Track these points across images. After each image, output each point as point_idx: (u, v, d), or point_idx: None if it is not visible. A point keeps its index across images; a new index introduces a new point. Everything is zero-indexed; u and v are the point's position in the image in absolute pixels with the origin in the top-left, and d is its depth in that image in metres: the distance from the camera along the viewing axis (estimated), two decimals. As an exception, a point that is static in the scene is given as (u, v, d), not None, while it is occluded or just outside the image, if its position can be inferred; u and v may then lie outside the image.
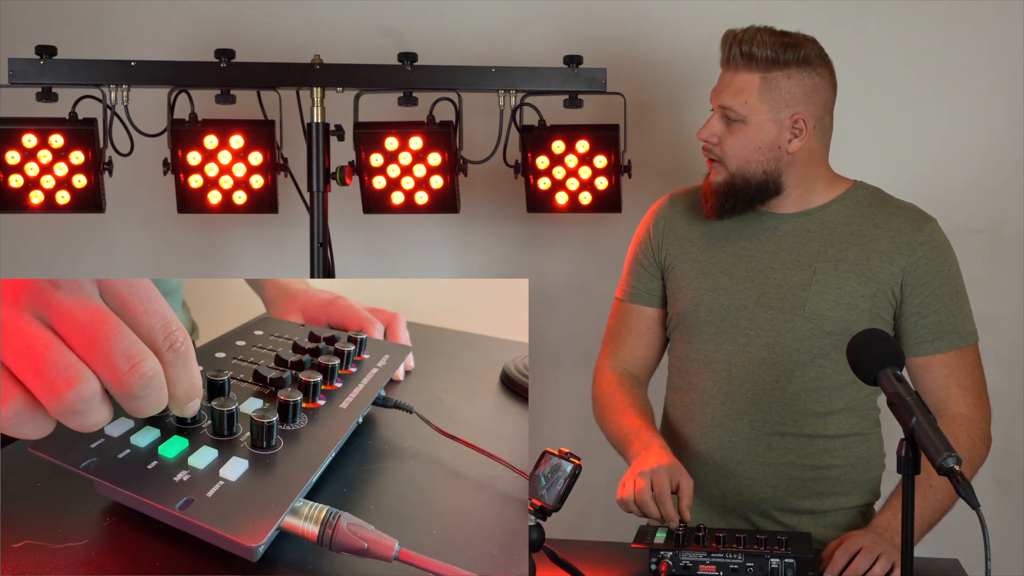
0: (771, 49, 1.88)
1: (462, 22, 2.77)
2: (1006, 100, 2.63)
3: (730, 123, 1.92)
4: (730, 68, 1.92)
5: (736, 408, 1.94)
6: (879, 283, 1.91)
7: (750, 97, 1.89)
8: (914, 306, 1.91)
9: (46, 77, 2.30)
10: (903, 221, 1.94)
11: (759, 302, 1.94)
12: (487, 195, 2.75)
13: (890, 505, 1.85)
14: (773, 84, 1.88)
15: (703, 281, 1.98)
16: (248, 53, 2.41)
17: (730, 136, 1.92)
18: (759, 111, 1.89)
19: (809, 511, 1.94)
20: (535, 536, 1.57)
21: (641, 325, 2.09)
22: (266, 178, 2.32)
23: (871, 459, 1.99)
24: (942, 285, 1.91)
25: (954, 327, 1.92)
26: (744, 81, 1.90)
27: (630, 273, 2.11)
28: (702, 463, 1.96)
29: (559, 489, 1.60)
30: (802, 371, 1.91)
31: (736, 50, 1.90)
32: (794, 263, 1.94)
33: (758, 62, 1.89)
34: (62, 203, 2.32)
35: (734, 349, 1.95)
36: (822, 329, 1.90)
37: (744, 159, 1.91)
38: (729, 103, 1.91)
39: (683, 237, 2.04)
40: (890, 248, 1.92)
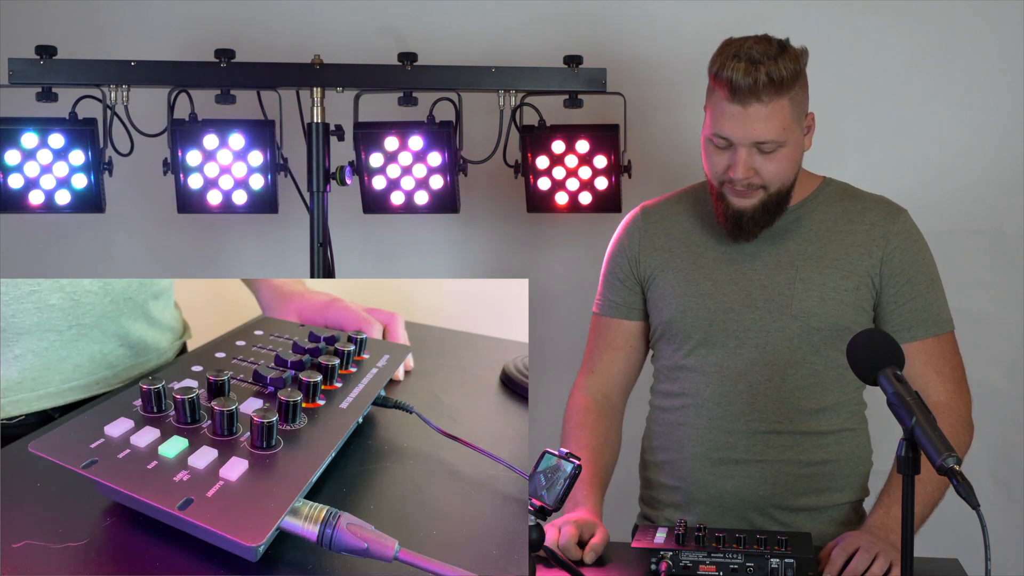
0: (785, 68, 1.80)
1: (462, 22, 2.77)
2: (1007, 100, 2.63)
3: (764, 152, 1.85)
4: (757, 101, 1.79)
5: (733, 410, 1.94)
6: (860, 276, 1.92)
7: (785, 121, 1.83)
8: (891, 295, 1.93)
9: (46, 77, 2.30)
10: (876, 213, 1.96)
11: (745, 304, 1.94)
12: (487, 195, 2.75)
13: (881, 504, 1.86)
14: (796, 100, 1.85)
15: (687, 288, 1.98)
16: (248, 53, 2.41)
17: (770, 163, 1.86)
18: (793, 130, 1.86)
19: (806, 508, 1.95)
20: (535, 536, 1.56)
21: (619, 339, 2.09)
22: (266, 178, 2.32)
23: (861, 454, 2.00)
24: (917, 274, 1.94)
25: (930, 315, 1.94)
26: (776, 109, 1.81)
27: (606, 287, 2.10)
28: (700, 465, 1.96)
29: (559, 489, 1.60)
30: (795, 369, 1.93)
31: (764, 79, 1.78)
32: (776, 263, 1.95)
33: (787, 84, 1.81)
34: (62, 203, 2.32)
35: (725, 352, 1.95)
36: (810, 326, 1.91)
37: (786, 175, 1.89)
38: (769, 137, 1.82)
39: (661, 248, 2.03)
40: (867, 240, 1.94)
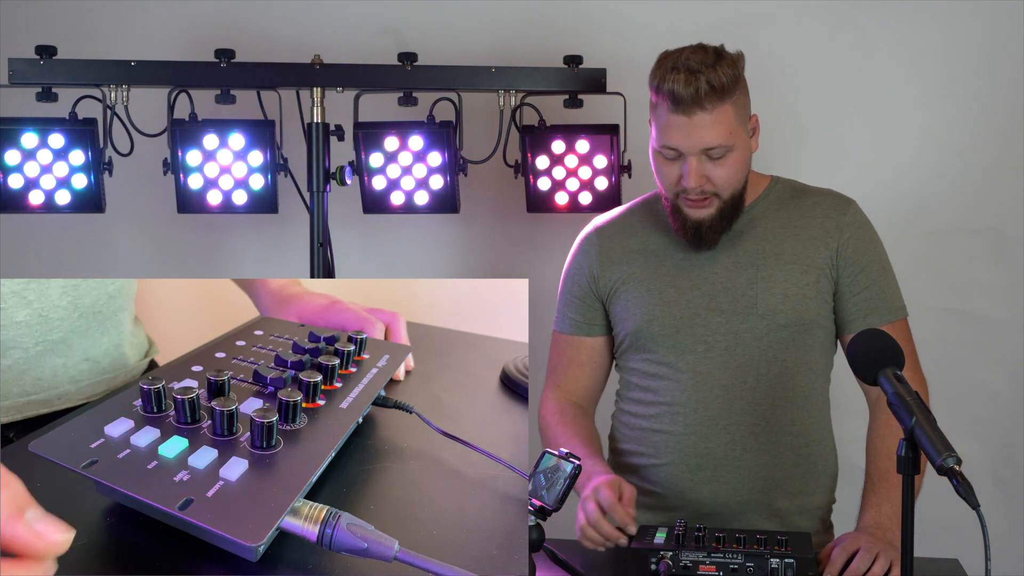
0: (724, 74, 1.83)
1: (462, 22, 2.77)
2: (1007, 100, 2.63)
3: (713, 158, 1.88)
4: (701, 109, 1.83)
5: (710, 414, 1.94)
6: (819, 269, 1.94)
7: (731, 126, 1.86)
8: (846, 284, 1.95)
9: (46, 77, 2.30)
10: (827, 207, 1.98)
11: (711, 308, 1.95)
12: (487, 195, 2.75)
13: (869, 504, 1.85)
14: (738, 104, 1.88)
15: (651, 298, 1.98)
16: (248, 53, 2.41)
17: (720, 168, 1.88)
18: (739, 133, 1.89)
19: (780, 513, 1.95)
20: (535, 536, 1.57)
21: (583, 355, 2.09)
22: (266, 178, 2.32)
23: (828, 456, 2.01)
24: (871, 263, 1.96)
25: (884, 302, 1.95)
26: (720, 115, 1.84)
27: (566, 306, 2.10)
28: (677, 471, 1.95)
29: (559, 489, 1.60)
30: (767, 367, 1.94)
31: (705, 87, 1.81)
32: (736, 264, 1.96)
33: (727, 89, 1.84)
34: (62, 203, 2.32)
35: (696, 358, 1.95)
36: (777, 323, 1.93)
37: (737, 180, 1.92)
38: (716, 142, 1.85)
39: (619, 262, 2.04)
40: (821, 233, 1.95)
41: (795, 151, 2.64)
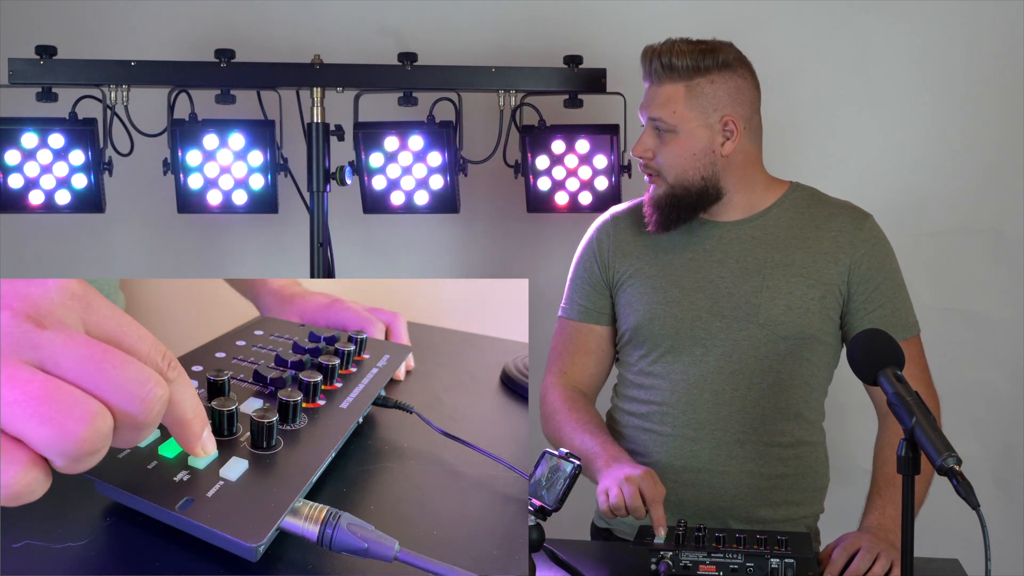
0: (690, 58, 1.91)
1: (462, 22, 2.77)
2: (1007, 100, 2.63)
3: (662, 135, 1.93)
4: (654, 82, 1.94)
5: (698, 418, 1.94)
6: (827, 285, 1.93)
7: (678, 107, 1.91)
8: (860, 302, 1.94)
9: (46, 77, 2.30)
10: (843, 220, 1.97)
11: (712, 311, 1.95)
12: (487, 195, 2.75)
13: (873, 506, 1.85)
14: (698, 91, 1.90)
15: (654, 295, 1.98)
16: (248, 53, 2.41)
17: (664, 148, 1.94)
18: (688, 119, 1.91)
19: (762, 520, 1.94)
20: (535, 536, 1.57)
21: (591, 343, 2.08)
22: (266, 178, 2.32)
23: (819, 468, 2.01)
24: (886, 280, 1.95)
25: (899, 319, 1.94)
26: (669, 92, 1.92)
27: (576, 292, 2.10)
28: (662, 472, 1.94)
29: (559, 490, 1.60)
30: (760, 378, 1.93)
31: (657, 63, 1.92)
32: (743, 271, 1.96)
33: (680, 72, 1.91)
34: (62, 203, 2.32)
35: (692, 360, 1.95)
36: (777, 335, 1.92)
37: (681, 168, 1.93)
38: (658, 114, 1.93)
39: (630, 253, 2.04)
40: (834, 248, 1.95)
41: (794, 151, 2.63)
